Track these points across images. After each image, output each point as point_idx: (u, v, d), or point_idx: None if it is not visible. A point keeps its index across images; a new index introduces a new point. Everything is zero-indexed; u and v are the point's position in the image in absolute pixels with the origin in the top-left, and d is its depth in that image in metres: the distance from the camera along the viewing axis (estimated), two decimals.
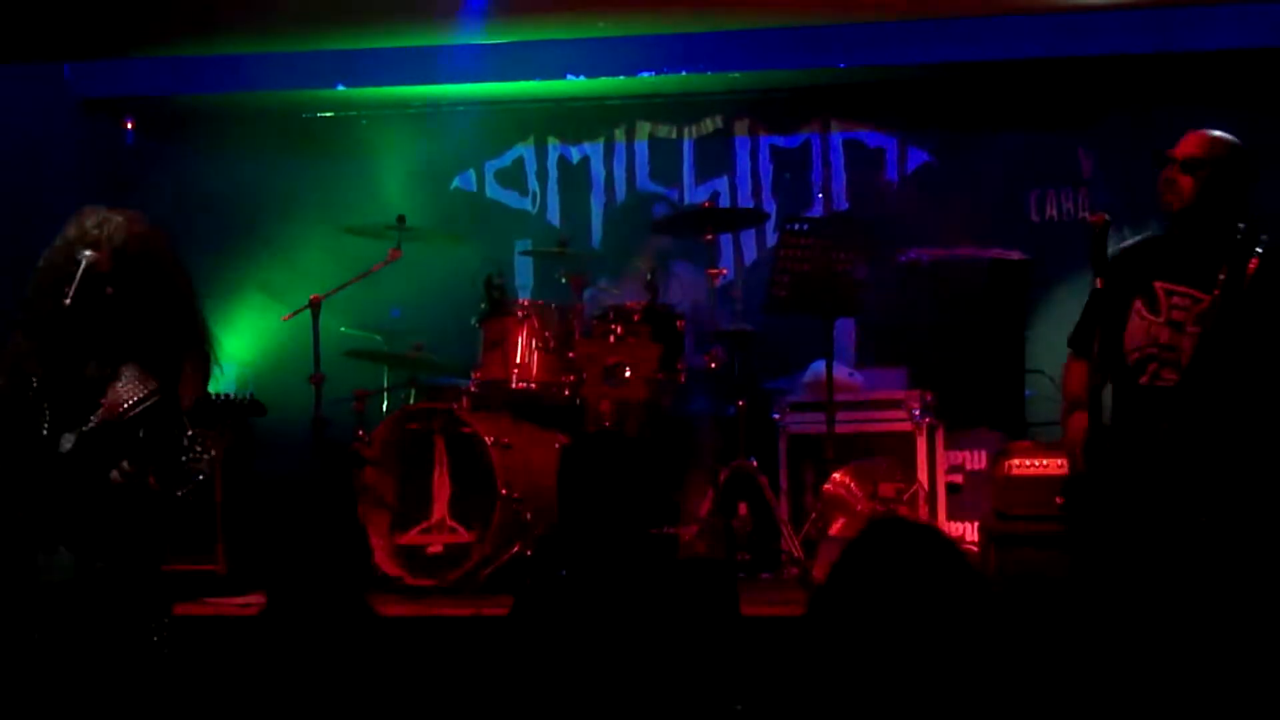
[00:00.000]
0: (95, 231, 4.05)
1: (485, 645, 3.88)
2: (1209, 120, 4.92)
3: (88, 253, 4.00)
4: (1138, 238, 4.96)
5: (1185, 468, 4.58)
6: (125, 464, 3.92)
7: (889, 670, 2.45)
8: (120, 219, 4.10)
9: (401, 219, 6.99)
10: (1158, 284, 4.75)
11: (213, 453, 4.00)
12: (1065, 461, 5.86)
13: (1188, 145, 4.77)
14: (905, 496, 6.45)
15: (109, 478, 3.92)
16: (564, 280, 6.97)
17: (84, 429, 3.94)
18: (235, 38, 7.82)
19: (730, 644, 3.70)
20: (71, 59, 7.96)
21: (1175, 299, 4.71)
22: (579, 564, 3.87)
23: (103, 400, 3.95)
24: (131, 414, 3.94)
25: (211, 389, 4.24)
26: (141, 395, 3.96)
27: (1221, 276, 4.61)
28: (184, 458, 3.97)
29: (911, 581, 2.46)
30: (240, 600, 5.92)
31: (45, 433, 3.95)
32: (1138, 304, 4.74)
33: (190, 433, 3.95)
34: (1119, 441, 4.63)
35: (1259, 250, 4.64)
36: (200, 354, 4.19)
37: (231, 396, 4.20)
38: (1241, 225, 4.69)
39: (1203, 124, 4.91)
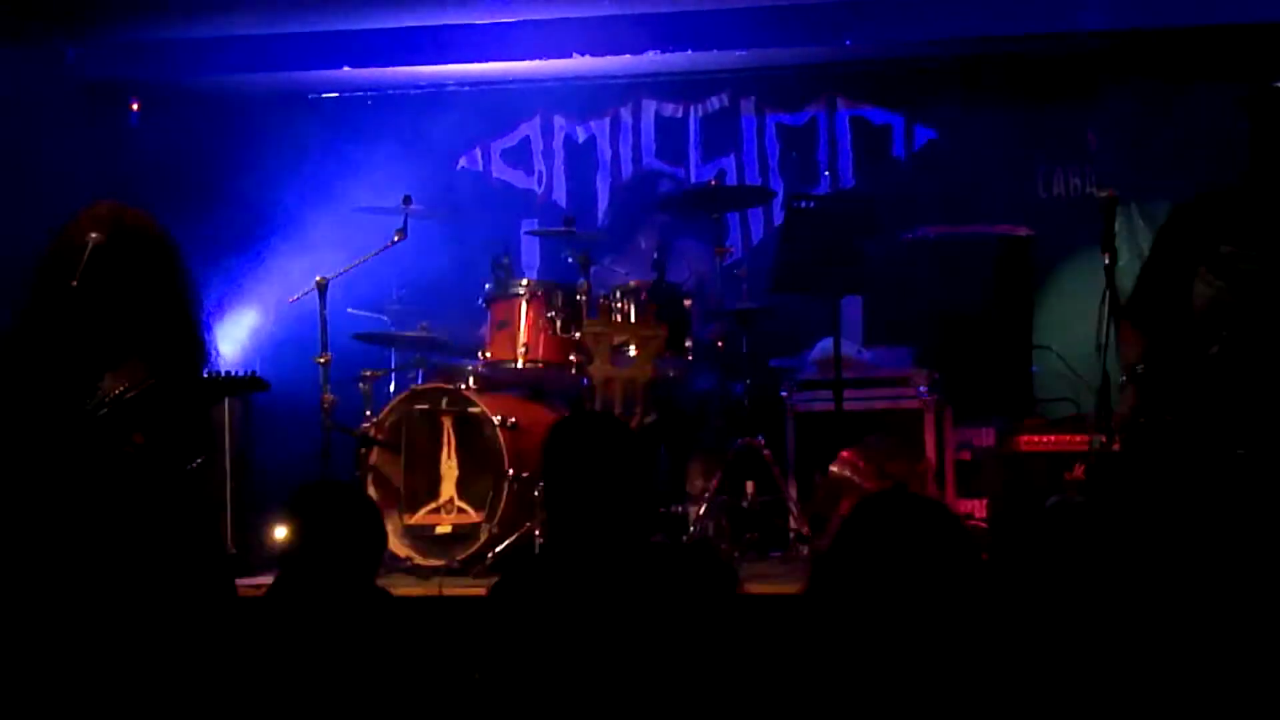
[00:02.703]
0: (100, 218, 4.05)
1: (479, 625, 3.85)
2: (1215, 94, 4.84)
3: (94, 234, 4.00)
4: (1195, 196, 4.53)
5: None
6: (136, 438, 3.90)
7: (888, 642, 2.44)
8: (124, 210, 4.10)
9: (407, 199, 6.97)
10: (1225, 248, 4.36)
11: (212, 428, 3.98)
12: (1076, 438, 5.86)
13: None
14: (914, 474, 6.44)
15: (116, 455, 3.90)
16: (570, 259, 6.96)
17: (85, 411, 3.92)
18: (240, 17, 7.80)
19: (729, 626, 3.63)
20: (74, 37, 7.93)
21: (1243, 264, 4.32)
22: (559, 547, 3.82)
23: (100, 385, 3.94)
24: (129, 396, 3.93)
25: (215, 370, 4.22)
26: (138, 379, 3.95)
27: None
28: (187, 433, 3.96)
29: (912, 553, 2.46)
30: (251, 581, 5.92)
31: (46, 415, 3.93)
32: (1202, 271, 4.36)
33: (189, 411, 3.94)
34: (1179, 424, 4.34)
35: None
36: (194, 341, 4.17)
37: (233, 373, 4.18)
38: None
39: (1208, 98, 4.82)
